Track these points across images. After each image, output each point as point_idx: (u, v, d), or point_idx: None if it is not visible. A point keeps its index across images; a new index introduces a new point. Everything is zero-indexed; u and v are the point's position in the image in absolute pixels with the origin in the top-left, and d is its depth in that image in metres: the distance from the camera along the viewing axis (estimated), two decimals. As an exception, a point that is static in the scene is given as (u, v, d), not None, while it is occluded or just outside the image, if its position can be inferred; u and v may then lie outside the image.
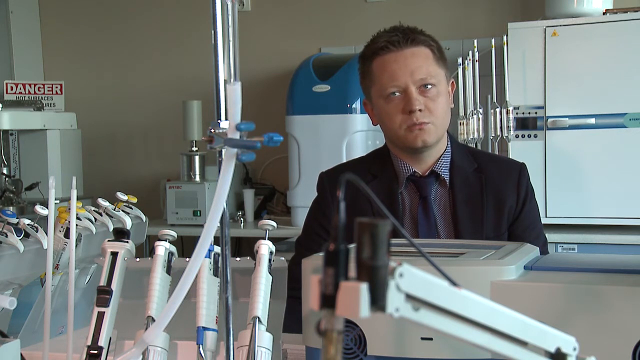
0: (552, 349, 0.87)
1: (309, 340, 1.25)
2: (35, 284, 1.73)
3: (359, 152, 3.28)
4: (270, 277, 1.26)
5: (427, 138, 1.88)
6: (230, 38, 0.98)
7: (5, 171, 3.95)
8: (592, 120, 3.17)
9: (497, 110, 3.26)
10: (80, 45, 4.62)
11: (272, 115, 3.92)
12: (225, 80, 1.01)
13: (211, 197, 3.71)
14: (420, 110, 1.86)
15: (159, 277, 1.27)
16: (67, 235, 1.62)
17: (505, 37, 3.26)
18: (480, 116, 3.31)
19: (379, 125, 1.99)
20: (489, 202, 1.93)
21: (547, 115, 3.24)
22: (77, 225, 1.59)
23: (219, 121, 1.01)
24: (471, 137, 3.30)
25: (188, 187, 3.81)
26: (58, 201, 1.97)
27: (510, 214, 1.95)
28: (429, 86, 1.88)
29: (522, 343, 0.84)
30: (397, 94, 1.88)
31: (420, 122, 1.87)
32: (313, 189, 2.07)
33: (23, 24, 4.58)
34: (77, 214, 1.58)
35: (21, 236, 1.56)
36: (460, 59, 3.28)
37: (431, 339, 1.14)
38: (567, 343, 0.89)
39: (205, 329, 1.23)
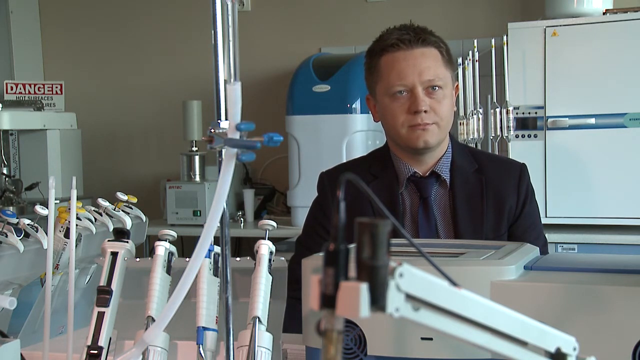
0: (552, 349, 0.87)
1: (309, 340, 1.25)
2: (35, 284, 1.73)
3: (359, 152, 3.28)
4: (270, 277, 1.26)
5: (429, 139, 1.88)
6: (230, 38, 0.98)
7: (5, 171, 3.95)
8: (592, 120, 3.17)
9: (497, 110, 3.26)
10: (80, 45, 4.62)
11: (272, 115, 3.92)
12: (225, 80, 1.01)
13: (211, 197, 3.71)
14: (425, 111, 1.86)
15: (159, 277, 1.27)
16: (67, 235, 1.62)
17: (505, 37, 3.26)
18: (480, 116, 3.31)
19: (380, 123, 1.99)
20: (489, 202, 1.93)
21: (547, 115, 3.24)
22: (77, 225, 1.59)
23: (219, 121, 1.01)
24: (471, 137, 3.30)
25: (188, 187, 3.82)
26: (58, 201, 1.97)
27: (510, 215, 1.95)
28: (436, 88, 1.88)
29: (522, 343, 0.84)
30: (404, 92, 1.88)
31: (424, 122, 1.86)
32: (313, 189, 2.07)
33: (23, 24, 4.57)
34: (77, 214, 1.58)
35: (21, 236, 1.56)
36: (460, 59, 3.28)
37: (431, 339, 1.14)
38: (567, 343, 0.89)
39: (205, 329, 1.23)
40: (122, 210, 1.79)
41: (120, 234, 1.34)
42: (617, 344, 1.09)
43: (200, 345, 1.22)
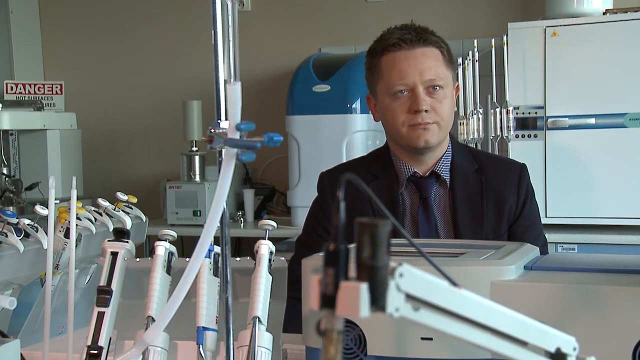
0: (552, 349, 0.87)
1: (309, 340, 1.25)
2: (35, 284, 1.73)
3: (359, 152, 3.28)
4: (270, 277, 1.26)
5: (429, 138, 1.88)
6: (230, 38, 0.98)
7: (5, 171, 3.95)
8: (592, 120, 3.17)
9: (497, 110, 3.26)
10: (80, 45, 4.62)
11: (272, 115, 3.92)
12: (225, 80, 1.01)
13: (211, 197, 3.71)
14: (426, 110, 1.86)
15: (159, 277, 1.27)
16: (67, 235, 1.62)
17: (505, 37, 3.26)
18: (480, 116, 3.31)
19: (380, 123, 1.99)
20: (489, 203, 1.93)
21: (547, 115, 3.24)
22: (77, 225, 1.59)
23: (219, 121, 1.01)
24: (471, 137, 3.30)
25: (188, 187, 3.81)
26: (58, 201, 1.97)
27: (510, 215, 1.95)
28: (437, 88, 1.88)
29: (522, 343, 0.84)
30: (405, 92, 1.88)
31: (425, 122, 1.86)
32: (313, 189, 2.07)
33: (23, 24, 4.57)
34: (77, 214, 1.58)
35: (21, 236, 1.56)
36: (460, 59, 3.28)
37: (431, 339, 1.14)
38: (567, 343, 0.89)
39: (205, 329, 1.23)
40: (122, 210, 1.79)
41: (120, 234, 1.34)
42: (617, 344, 1.09)
43: (200, 345, 1.22)
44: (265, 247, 1.28)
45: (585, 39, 3.20)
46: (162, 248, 1.30)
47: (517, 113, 3.27)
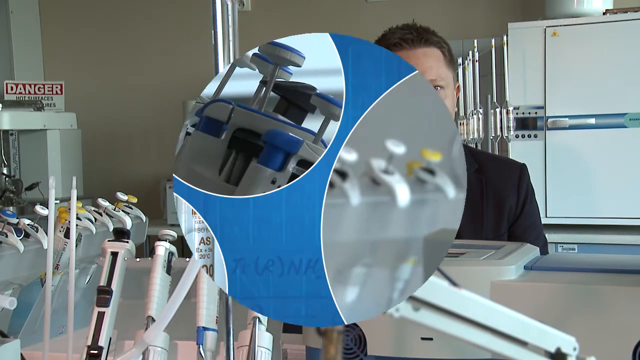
0: (552, 349, 0.87)
1: (309, 340, 1.25)
2: (35, 284, 1.73)
3: (359, 152, 3.28)
4: (270, 277, 1.26)
5: (428, 138, 1.88)
6: (230, 38, 0.98)
7: (5, 171, 3.95)
8: (592, 120, 3.18)
9: (497, 110, 3.27)
10: (80, 45, 4.62)
11: (272, 115, 3.91)
12: (225, 80, 1.00)
13: (211, 197, 3.71)
14: None
15: (159, 277, 1.27)
16: (67, 235, 1.62)
17: (505, 37, 3.26)
18: (480, 116, 3.31)
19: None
20: (489, 202, 1.93)
21: (547, 115, 3.24)
22: (77, 225, 1.59)
23: (219, 121, 1.00)
24: (471, 137, 3.30)
25: (188, 187, 3.81)
26: (58, 201, 1.97)
27: (510, 215, 1.95)
28: (438, 88, 1.87)
29: (522, 343, 0.84)
30: None
31: None
32: (313, 189, 2.07)
33: (23, 24, 4.58)
34: (77, 214, 1.57)
35: (21, 236, 1.56)
36: (460, 59, 3.28)
37: (431, 339, 1.14)
38: (567, 343, 0.89)
39: (205, 329, 1.23)
40: (122, 210, 1.79)
41: (120, 234, 1.34)
42: (617, 344, 1.08)
43: (200, 345, 1.22)
44: (265, 247, 1.27)
45: (585, 39, 3.20)
46: (162, 248, 1.29)
47: (517, 113, 3.27)
